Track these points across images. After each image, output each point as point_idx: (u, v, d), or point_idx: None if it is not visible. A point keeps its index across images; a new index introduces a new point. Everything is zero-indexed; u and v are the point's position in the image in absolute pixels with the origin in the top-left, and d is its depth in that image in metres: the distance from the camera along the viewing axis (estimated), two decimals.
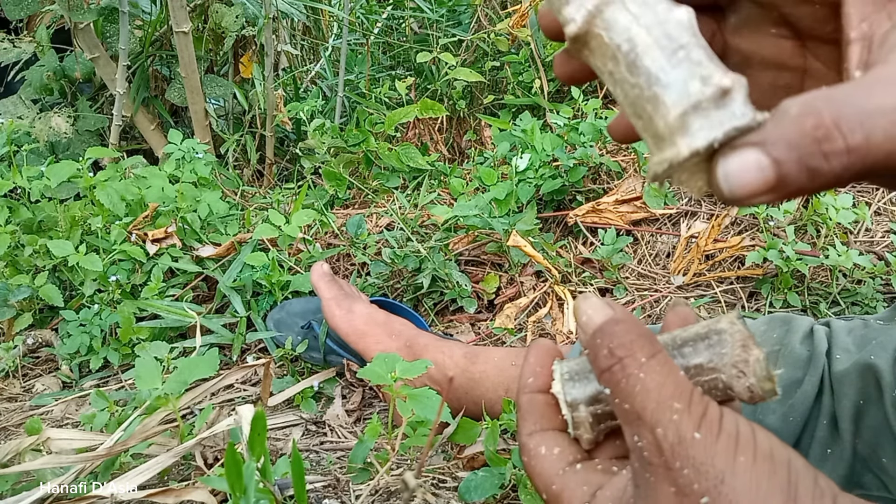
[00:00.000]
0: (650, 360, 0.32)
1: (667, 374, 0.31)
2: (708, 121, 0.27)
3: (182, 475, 0.76)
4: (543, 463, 0.36)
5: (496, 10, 1.78)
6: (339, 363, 1.01)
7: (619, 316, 0.34)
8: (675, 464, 0.30)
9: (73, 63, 1.60)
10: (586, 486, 0.34)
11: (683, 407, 0.30)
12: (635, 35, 0.27)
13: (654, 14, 0.28)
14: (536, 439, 0.37)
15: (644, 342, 0.32)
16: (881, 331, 0.62)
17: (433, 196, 1.37)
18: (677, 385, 0.31)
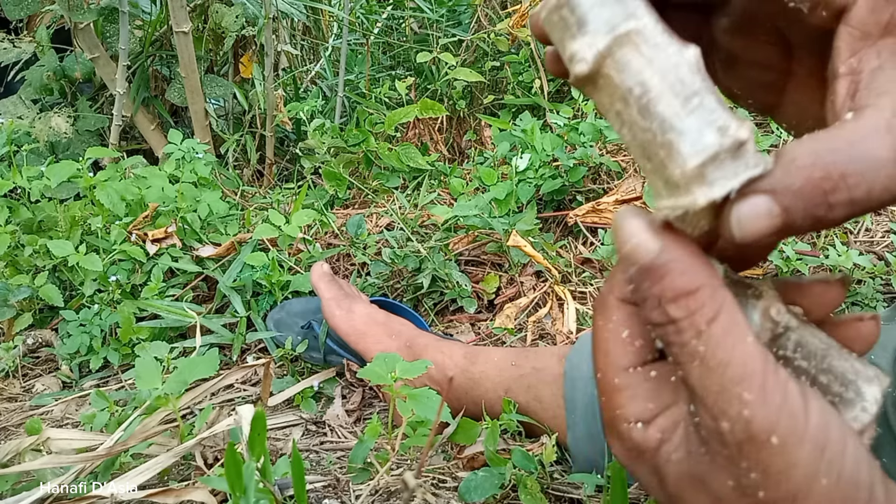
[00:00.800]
0: (711, 325, 0.27)
1: (731, 347, 0.26)
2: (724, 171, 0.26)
3: (182, 475, 0.76)
4: (618, 348, 0.30)
5: (496, 10, 1.78)
6: (339, 363, 1.01)
7: (671, 254, 0.28)
8: (742, 464, 0.26)
9: (73, 63, 1.60)
10: (652, 403, 0.30)
11: (755, 398, 0.26)
12: (648, 79, 0.27)
13: (666, 56, 0.27)
14: (625, 313, 0.31)
15: (703, 296, 0.27)
16: (881, 331, 0.62)
17: (433, 196, 1.37)
18: (746, 364, 0.26)
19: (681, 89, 0.27)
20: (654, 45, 0.27)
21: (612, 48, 0.27)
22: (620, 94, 0.27)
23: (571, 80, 0.28)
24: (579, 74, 0.27)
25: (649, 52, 0.27)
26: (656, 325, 0.28)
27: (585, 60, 0.27)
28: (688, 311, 0.27)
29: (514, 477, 0.69)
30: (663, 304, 0.27)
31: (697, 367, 0.27)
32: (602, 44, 0.27)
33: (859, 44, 0.30)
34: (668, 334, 0.27)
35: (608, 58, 0.27)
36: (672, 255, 0.27)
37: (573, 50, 0.27)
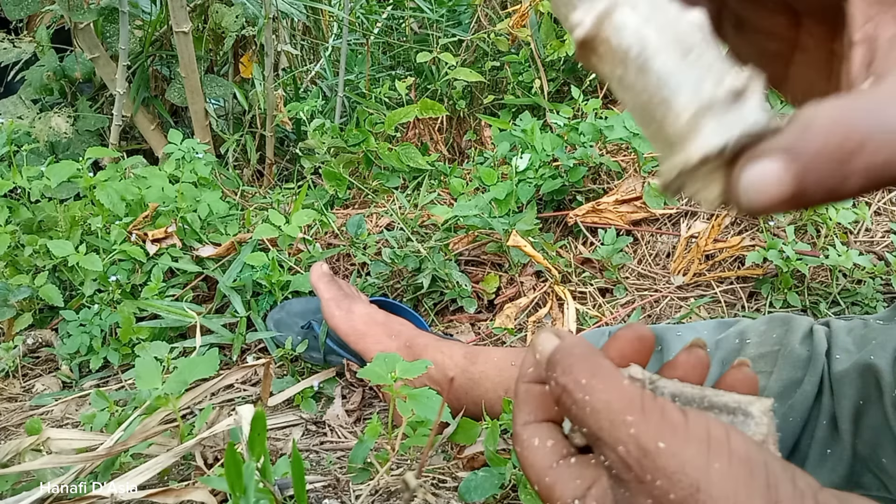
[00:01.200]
0: (591, 379, 0.32)
1: (610, 389, 0.31)
2: (720, 123, 0.25)
3: (182, 475, 0.76)
4: (536, 455, 0.36)
5: (496, 10, 1.78)
6: (339, 363, 1.01)
7: (562, 343, 0.34)
8: (647, 477, 0.29)
9: (73, 63, 1.60)
10: (579, 479, 0.34)
11: (637, 418, 0.30)
12: (645, 37, 0.26)
13: (664, 16, 0.27)
14: (530, 430, 0.37)
15: (583, 363, 0.33)
16: (881, 331, 0.62)
17: (433, 196, 1.37)
18: (623, 396, 0.31)
19: (678, 46, 0.26)
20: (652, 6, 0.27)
21: (610, 9, 0.27)
22: (620, 56, 0.27)
23: (576, 51, 0.29)
24: (578, 38, 0.28)
25: (647, 11, 0.27)
26: (557, 401, 0.33)
27: (583, 25, 0.27)
28: (571, 374, 0.33)
29: (514, 477, 0.69)
30: (556, 379, 0.33)
31: (590, 414, 0.31)
32: (600, 6, 0.27)
33: (874, 9, 0.29)
34: (563, 400, 0.33)
35: (605, 20, 0.27)
36: (561, 345, 0.34)
37: (573, 19, 0.28)
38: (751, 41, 0.37)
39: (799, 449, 0.62)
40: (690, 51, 0.26)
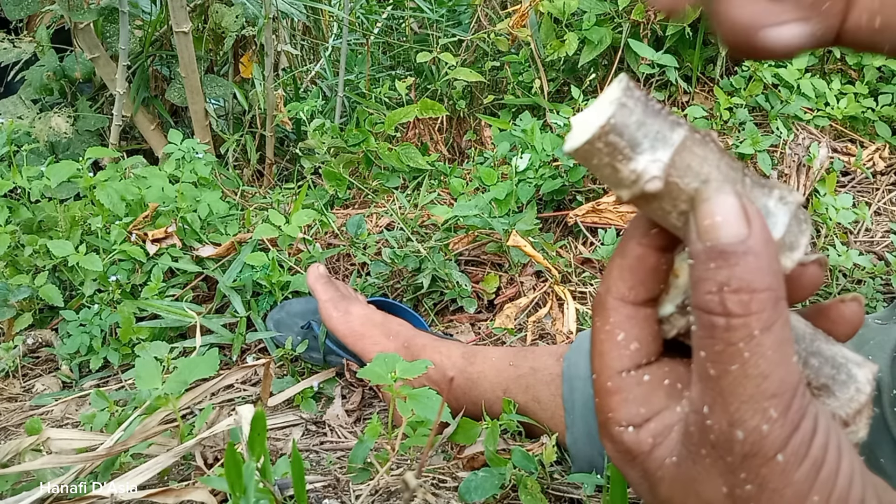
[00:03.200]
0: (764, 333, 0.25)
1: (777, 362, 0.25)
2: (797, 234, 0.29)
3: (182, 475, 0.76)
4: (613, 351, 0.30)
5: (496, 10, 1.78)
6: (338, 363, 1.01)
7: (753, 244, 0.26)
8: (741, 474, 0.26)
9: (73, 63, 1.60)
10: (644, 408, 0.29)
11: (778, 416, 0.25)
12: (707, 174, 0.28)
13: (711, 152, 0.28)
14: (622, 314, 0.30)
15: (767, 301, 0.25)
16: (879, 330, 0.62)
17: (433, 196, 1.37)
18: (783, 383, 0.26)
19: (733, 176, 0.28)
20: (700, 145, 0.28)
21: (674, 158, 0.27)
22: (686, 195, 0.28)
23: (631, 197, 0.28)
24: (651, 191, 0.28)
25: (700, 151, 0.28)
26: (705, 312, 0.26)
27: (657, 177, 0.27)
28: (746, 310, 0.25)
29: (514, 477, 0.69)
30: (724, 293, 0.25)
31: (735, 371, 0.25)
32: (666, 157, 0.27)
33: None
34: (716, 327, 0.26)
35: (671, 167, 0.27)
36: (754, 247, 0.26)
37: (637, 169, 0.27)
38: None
39: None
40: (743, 178, 0.29)
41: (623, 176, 0.28)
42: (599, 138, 0.27)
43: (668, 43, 1.61)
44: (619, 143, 0.27)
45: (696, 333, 0.27)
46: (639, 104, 0.27)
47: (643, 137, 0.27)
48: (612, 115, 0.27)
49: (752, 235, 0.26)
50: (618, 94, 0.27)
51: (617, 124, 0.27)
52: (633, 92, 0.28)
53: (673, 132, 0.28)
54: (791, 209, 0.29)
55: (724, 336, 0.26)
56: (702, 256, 0.26)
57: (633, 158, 0.27)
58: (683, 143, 0.27)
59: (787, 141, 1.43)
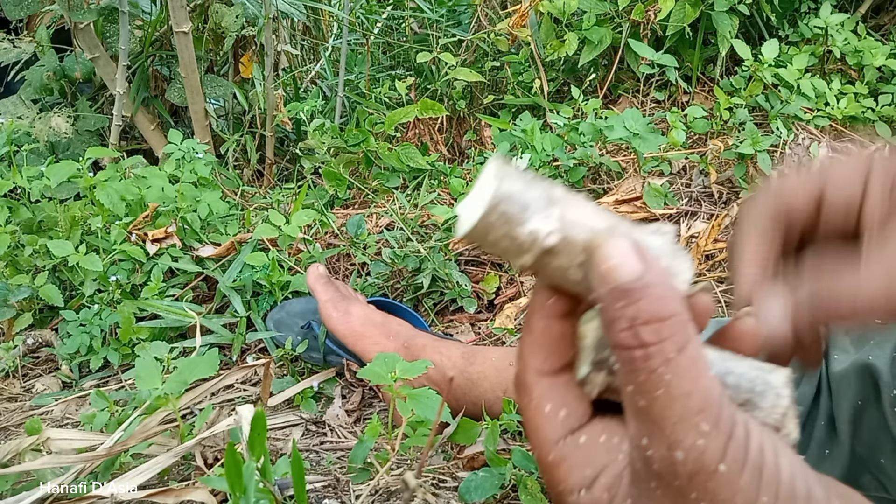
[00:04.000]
0: (680, 354, 0.27)
1: (696, 378, 0.27)
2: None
3: (182, 475, 0.76)
4: (545, 424, 0.31)
5: (496, 10, 1.78)
6: (338, 363, 1.01)
7: (651, 278, 0.27)
8: (691, 494, 0.27)
9: (73, 63, 1.60)
10: (589, 468, 0.30)
11: (711, 428, 0.26)
12: (594, 225, 0.30)
13: (586, 205, 0.30)
14: (544, 386, 0.31)
15: (676, 325, 0.27)
16: (879, 330, 0.62)
17: (433, 196, 1.37)
18: (706, 397, 0.27)
19: (614, 221, 0.30)
20: (581, 202, 0.30)
21: (564, 212, 0.29)
22: (581, 246, 0.29)
23: (534, 260, 0.30)
24: (550, 245, 0.29)
25: (582, 205, 0.30)
26: (623, 349, 0.27)
27: (554, 231, 0.29)
28: (659, 337, 0.27)
29: (514, 477, 0.69)
30: (636, 327, 0.27)
31: (661, 396, 0.27)
32: (556, 212, 0.29)
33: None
34: (636, 359, 0.27)
35: (563, 221, 0.29)
36: (652, 278, 0.27)
37: (534, 229, 0.29)
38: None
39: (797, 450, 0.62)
40: (618, 224, 0.31)
41: (522, 241, 0.29)
42: (492, 211, 0.28)
43: (668, 43, 1.61)
44: (511, 210, 0.28)
45: (621, 371, 0.28)
46: (515, 176, 0.29)
47: (531, 200, 0.29)
48: (497, 188, 0.28)
49: (648, 270, 0.28)
50: (496, 170, 0.29)
51: (505, 194, 0.28)
52: (508, 167, 0.29)
53: (554, 190, 0.29)
54: (668, 239, 0.31)
55: (645, 365, 0.27)
56: (608, 299, 0.28)
57: (528, 220, 0.29)
58: (566, 198, 0.30)
59: (787, 141, 1.43)
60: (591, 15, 1.58)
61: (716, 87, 1.59)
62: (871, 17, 1.92)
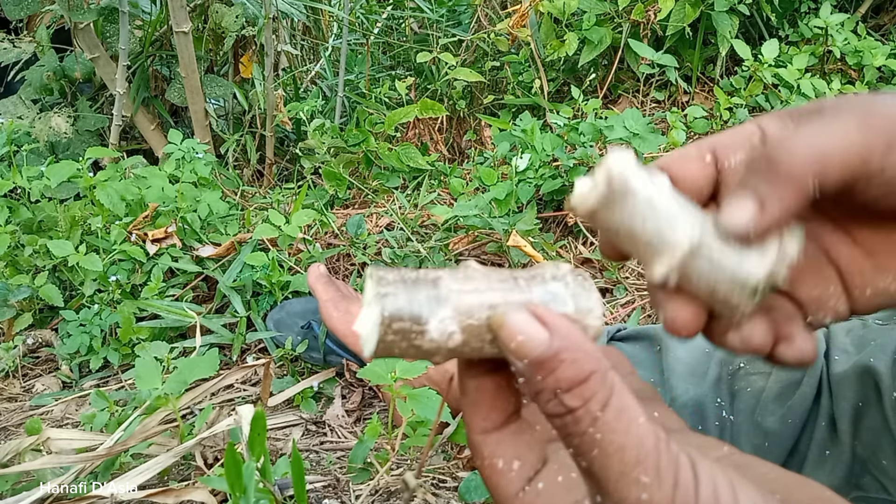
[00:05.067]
0: (605, 410, 0.26)
1: (626, 430, 0.26)
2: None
3: (182, 475, 0.76)
4: (501, 480, 0.31)
5: (496, 10, 1.78)
6: (339, 363, 1.01)
7: (559, 343, 0.27)
8: None
9: (73, 63, 1.60)
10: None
11: (652, 480, 0.26)
12: (491, 298, 0.29)
13: (478, 279, 0.30)
14: (492, 443, 0.31)
15: (595, 382, 0.27)
16: (880, 331, 0.62)
17: (433, 196, 1.37)
18: (640, 447, 0.26)
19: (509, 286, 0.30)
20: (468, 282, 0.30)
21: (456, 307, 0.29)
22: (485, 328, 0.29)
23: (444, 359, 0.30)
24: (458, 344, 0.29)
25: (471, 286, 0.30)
26: (554, 417, 0.27)
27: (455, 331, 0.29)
28: (583, 400, 0.26)
29: None
30: (559, 396, 0.27)
31: (597, 456, 0.26)
32: (449, 311, 0.29)
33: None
34: (567, 425, 0.27)
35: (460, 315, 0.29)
36: (561, 344, 0.27)
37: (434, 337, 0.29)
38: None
39: (798, 450, 0.62)
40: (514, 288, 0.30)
41: (427, 349, 0.29)
42: (387, 332, 0.28)
43: (668, 43, 1.61)
44: (405, 326, 0.28)
45: (559, 437, 0.28)
46: (397, 285, 0.29)
47: (419, 308, 0.28)
48: (382, 308, 0.28)
49: (553, 335, 0.27)
50: (375, 289, 0.29)
51: (392, 312, 0.28)
52: (385, 277, 0.29)
53: (439, 284, 0.29)
54: (568, 280, 0.30)
55: (575, 429, 0.27)
56: (527, 373, 0.27)
57: (425, 331, 0.29)
58: (450, 292, 0.29)
59: None
60: (591, 15, 1.58)
61: (716, 87, 1.59)
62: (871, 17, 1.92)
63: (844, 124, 0.31)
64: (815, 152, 0.31)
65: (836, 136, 0.31)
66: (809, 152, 0.31)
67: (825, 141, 0.31)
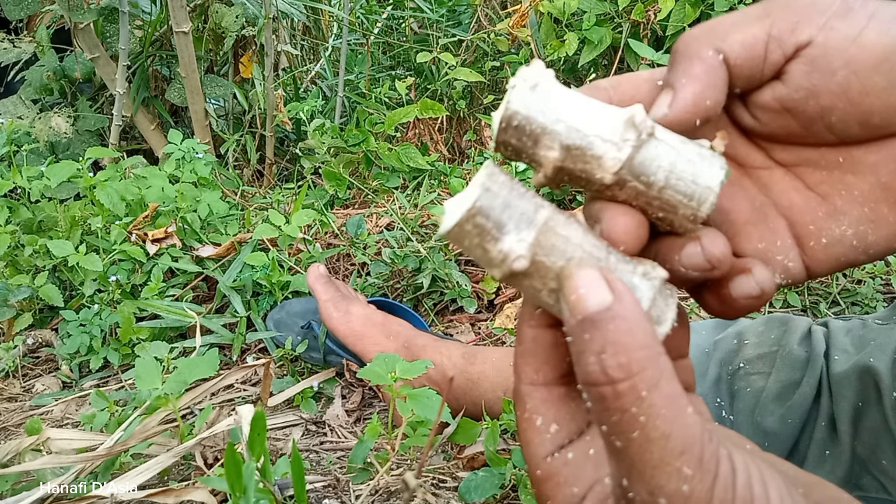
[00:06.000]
0: (652, 392, 0.25)
1: (674, 418, 0.25)
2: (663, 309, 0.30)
3: (182, 475, 0.76)
4: (535, 438, 0.30)
5: (496, 10, 1.78)
6: (338, 363, 1.01)
7: (619, 309, 0.26)
8: None
9: (73, 63, 1.60)
10: (577, 486, 0.29)
11: (695, 472, 0.25)
12: (572, 253, 0.29)
13: (575, 232, 0.30)
14: (537, 399, 0.30)
15: (646, 360, 0.25)
16: (880, 331, 0.62)
17: (433, 196, 1.37)
18: (687, 437, 0.25)
19: (597, 254, 0.30)
20: (564, 226, 0.30)
21: (538, 238, 0.29)
22: (553, 273, 0.29)
23: (503, 276, 0.29)
24: (518, 269, 0.29)
25: (564, 232, 0.29)
26: (592, 385, 0.26)
27: (523, 256, 0.29)
28: (628, 373, 0.25)
29: (514, 477, 0.69)
30: (603, 361, 0.25)
31: (637, 438, 0.25)
32: (530, 237, 0.29)
33: None
34: (606, 398, 0.25)
35: (537, 247, 0.29)
36: (620, 310, 0.26)
37: (504, 249, 0.29)
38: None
39: (798, 450, 0.62)
40: (608, 256, 0.30)
41: (492, 256, 0.29)
42: (467, 221, 0.28)
43: (668, 43, 1.61)
44: (486, 225, 0.28)
45: (593, 410, 0.26)
46: (503, 188, 0.29)
47: (508, 219, 0.29)
48: (477, 199, 0.28)
49: (616, 301, 0.26)
50: (483, 179, 0.29)
51: (483, 207, 0.28)
52: (498, 176, 0.29)
53: (536, 213, 0.29)
54: (656, 284, 0.30)
55: (616, 405, 0.25)
56: (576, 330, 0.26)
57: (500, 239, 0.29)
58: (546, 223, 0.29)
59: None
60: (591, 15, 1.58)
61: None
62: None
63: (746, 10, 0.31)
64: (709, 25, 0.31)
65: (734, 15, 0.31)
66: (704, 27, 0.31)
67: (722, 19, 0.31)
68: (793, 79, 0.31)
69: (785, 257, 0.33)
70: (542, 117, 0.30)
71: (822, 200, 0.33)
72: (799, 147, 0.33)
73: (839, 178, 0.33)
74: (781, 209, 0.34)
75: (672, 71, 0.31)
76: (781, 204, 0.34)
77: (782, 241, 0.33)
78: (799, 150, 0.33)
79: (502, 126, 0.30)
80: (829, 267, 0.33)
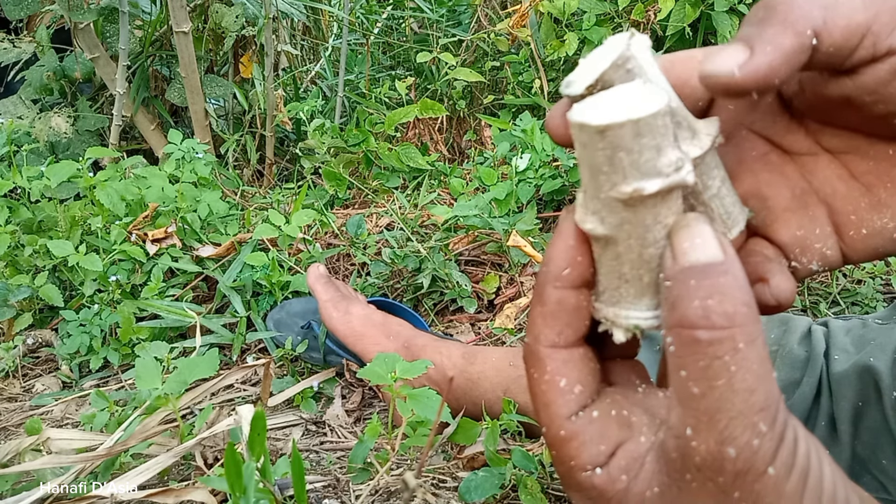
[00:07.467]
0: (749, 346, 0.25)
1: (762, 376, 0.25)
2: None
3: (182, 475, 0.76)
4: (559, 399, 0.29)
5: (496, 10, 1.78)
6: (338, 363, 1.01)
7: (730, 266, 0.26)
8: (734, 493, 0.26)
9: (73, 63, 1.60)
10: (603, 444, 0.29)
11: (768, 430, 0.25)
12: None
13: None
14: (558, 361, 0.30)
15: (749, 315, 0.25)
16: (880, 331, 0.62)
17: (433, 196, 1.37)
18: (769, 396, 0.25)
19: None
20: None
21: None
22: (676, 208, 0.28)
23: (661, 189, 0.27)
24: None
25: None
26: (687, 327, 0.25)
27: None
28: (731, 322, 0.25)
29: (514, 477, 0.69)
30: (708, 307, 0.25)
31: (721, 386, 0.25)
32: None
33: None
34: (699, 342, 0.25)
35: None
36: (731, 269, 0.26)
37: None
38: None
39: None
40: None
41: (664, 162, 0.26)
42: (662, 115, 0.25)
43: (668, 43, 1.60)
44: (669, 127, 0.26)
45: (675, 354, 0.26)
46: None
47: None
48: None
49: (727, 260, 0.26)
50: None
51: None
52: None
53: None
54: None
55: (709, 350, 0.25)
56: (680, 276, 0.26)
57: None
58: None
59: None
60: (591, 15, 1.58)
61: None
62: None
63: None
64: (821, 2, 0.28)
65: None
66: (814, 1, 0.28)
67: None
68: (869, 81, 0.29)
69: (823, 245, 0.33)
70: (651, 71, 0.28)
71: (866, 191, 0.32)
72: (850, 133, 0.32)
73: (886, 169, 0.32)
74: (823, 196, 0.33)
75: (760, 28, 0.28)
76: (824, 191, 0.33)
77: (821, 230, 0.33)
78: (849, 138, 0.32)
79: (617, 62, 0.27)
80: (867, 256, 0.33)
